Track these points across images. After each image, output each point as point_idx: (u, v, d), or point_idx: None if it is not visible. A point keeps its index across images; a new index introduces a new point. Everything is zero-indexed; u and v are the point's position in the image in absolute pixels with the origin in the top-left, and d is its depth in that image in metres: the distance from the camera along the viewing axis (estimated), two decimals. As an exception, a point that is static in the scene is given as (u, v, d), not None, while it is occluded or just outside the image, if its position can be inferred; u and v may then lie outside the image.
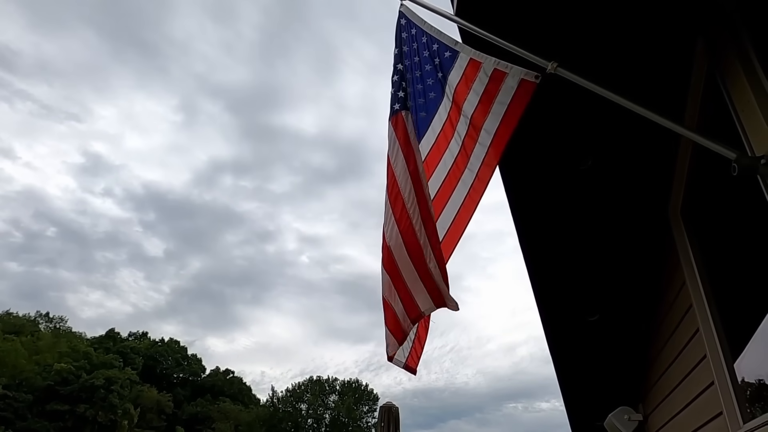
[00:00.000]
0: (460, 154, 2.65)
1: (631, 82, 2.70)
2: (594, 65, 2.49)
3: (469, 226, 2.68)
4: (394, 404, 6.09)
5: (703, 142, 2.04)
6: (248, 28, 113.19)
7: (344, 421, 59.12)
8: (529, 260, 4.19)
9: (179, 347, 68.26)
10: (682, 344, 3.59)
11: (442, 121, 2.76)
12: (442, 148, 2.75)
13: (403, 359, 3.00)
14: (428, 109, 2.85)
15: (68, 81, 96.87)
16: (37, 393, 47.46)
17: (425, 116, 2.86)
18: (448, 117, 2.72)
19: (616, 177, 3.49)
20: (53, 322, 63.64)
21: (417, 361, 2.99)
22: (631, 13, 2.57)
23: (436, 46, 2.77)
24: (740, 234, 2.98)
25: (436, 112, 2.79)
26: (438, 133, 2.78)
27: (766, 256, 2.57)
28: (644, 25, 2.62)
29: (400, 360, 3.07)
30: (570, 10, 2.58)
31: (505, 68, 2.43)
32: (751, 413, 2.63)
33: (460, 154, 2.65)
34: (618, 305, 4.53)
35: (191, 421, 59.40)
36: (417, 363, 2.99)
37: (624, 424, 4.98)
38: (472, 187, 2.60)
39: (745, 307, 2.79)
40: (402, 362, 3.06)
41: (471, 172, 2.60)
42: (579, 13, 2.59)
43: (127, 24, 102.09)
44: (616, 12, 2.56)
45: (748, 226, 2.69)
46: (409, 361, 2.99)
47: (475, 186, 2.59)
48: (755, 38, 2.09)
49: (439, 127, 2.78)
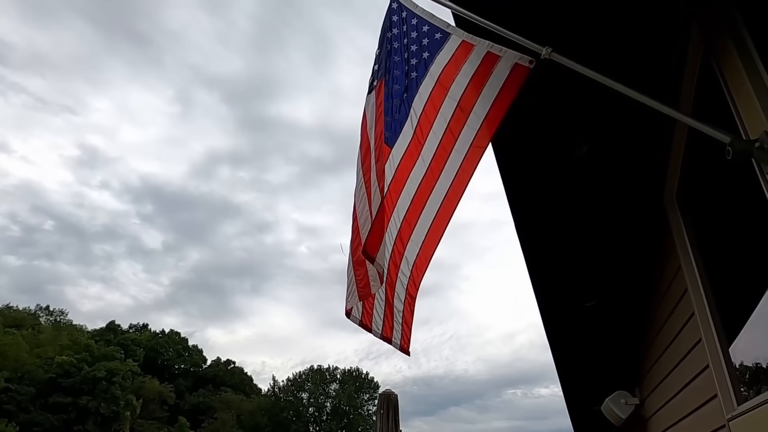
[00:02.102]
0: (445, 135, 2.59)
1: (627, 67, 2.68)
2: (589, 51, 2.47)
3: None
4: (393, 392, 6.14)
5: (698, 126, 2.04)
6: (242, 17, 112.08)
7: (345, 409, 59.64)
8: (526, 248, 4.20)
9: (180, 338, 68.56)
10: (678, 328, 3.62)
11: (423, 102, 2.69)
12: (426, 129, 2.69)
13: (398, 341, 3.02)
14: (410, 90, 2.80)
15: (62, 73, 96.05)
16: (39, 386, 47.74)
17: (407, 97, 2.81)
18: (429, 97, 2.65)
19: (611, 163, 3.48)
20: (54, 315, 63.83)
21: (408, 343, 2.99)
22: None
23: (427, 27, 2.72)
24: (735, 218, 2.99)
25: (416, 92, 2.73)
26: (420, 114, 2.72)
27: (761, 240, 2.58)
28: (639, 10, 2.60)
29: (377, 331, 3.15)
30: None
31: (499, 51, 2.39)
32: (746, 395, 2.65)
33: (446, 135, 2.59)
34: (615, 291, 4.55)
35: (193, 412, 59.86)
36: (409, 345, 3.00)
37: (621, 408, 5.04)
38: (461, 168, 2.56)
39: (740, 291, 2.81)
40: (378, 333, 3.13)
41: (459, 153, 2.55)
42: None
43: (120, 15, 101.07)
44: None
45: (743, 210, 2.69)
46: (402, 343, 3.00)
47: (464, 167, 2.55)
48: (749, 21, 2.07)
49: (420, 109, 2.71)
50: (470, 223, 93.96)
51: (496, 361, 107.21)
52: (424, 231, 2.69)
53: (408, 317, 2.91)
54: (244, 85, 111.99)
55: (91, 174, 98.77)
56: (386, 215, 2.85)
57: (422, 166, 2.68)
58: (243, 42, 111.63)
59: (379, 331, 3.12)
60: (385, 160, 2.89)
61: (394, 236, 2.83)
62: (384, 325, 3.09)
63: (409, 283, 2.83)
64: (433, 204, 2.66)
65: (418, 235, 2.72)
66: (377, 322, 3.15)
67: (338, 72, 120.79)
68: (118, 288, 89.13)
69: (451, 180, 2.59)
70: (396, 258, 2.85)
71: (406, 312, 2.90)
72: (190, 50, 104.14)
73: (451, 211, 2.61)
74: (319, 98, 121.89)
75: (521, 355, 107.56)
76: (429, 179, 2.67)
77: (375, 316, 3.16)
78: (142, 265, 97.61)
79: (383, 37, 3.13)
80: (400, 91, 2.86)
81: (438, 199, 2.63)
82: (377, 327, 3.14)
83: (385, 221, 2.87)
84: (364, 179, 3.11)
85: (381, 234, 2.75)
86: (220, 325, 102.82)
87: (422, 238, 2.71)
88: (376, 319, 3.15)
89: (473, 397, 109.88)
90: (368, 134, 3.12)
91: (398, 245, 2.83)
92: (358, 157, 3.34)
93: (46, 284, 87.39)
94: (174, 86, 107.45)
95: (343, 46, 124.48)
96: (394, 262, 2.86)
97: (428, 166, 2.66)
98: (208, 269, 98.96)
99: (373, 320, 3.18)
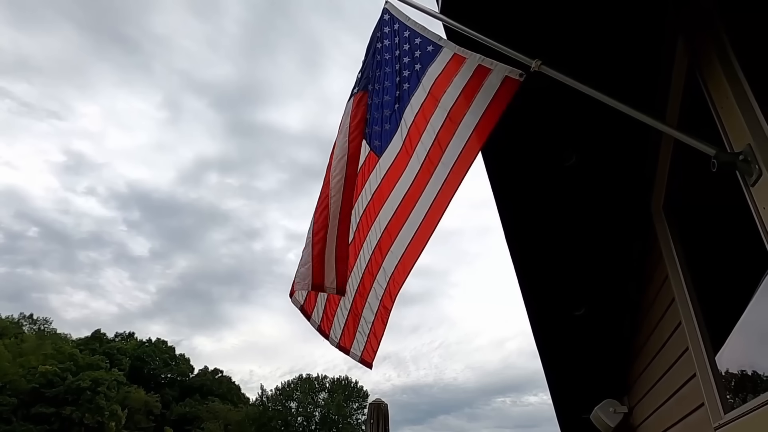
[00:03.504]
0: (433, 147, 2.59)
1: (615, 80, 2.73)
2: (578, 64, 2.51)
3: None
4: (383, 401, 6.11)
5: (684, 139, 2.08)
6: (231, 23, 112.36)
7: (334, 418, 59.17)
8: (516, 256, 4.23)
9: (167, 347, 67.72)
10: (665, 337, 3.65)
11: (413, 114, 2.70)
12: (415, 140, 2.69)
13: (358, 353, 2.97)
14: (401, 101, 2.81)
15: (48, 78, 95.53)
16: (21, 396, 46.79)
17: (399, 107, 2.83)
18: (421, 109, 2.67)
19: (599, 173, 3.53)
20: (37, 323, 62.74)
21: (373, 355, 2.92)
22: (614, 12, 2.60)
23: (419, 40, 2.75)
24: (721, 229, 3.04)
25: (408, 103, 2.74)
26: (410, 125, 2.73)
27: (746, 251, 2.62)
28: (627, 24, 2.65)
29: (335, 340, 3.09)
30: (555, 9, 2.60)
31: (490, 65, 2.43)
32: (732, 404, 2.68)
33: (433, 147, 2.59)
34: (603, 300, 4.59)
35: (180, 422, 59.00)
36: (373, 358, 2.92)
37: (609, 417, 5.05)
38: (446, 181, 2.54)
39: (726, 301, 2.84)
40: (335, 342, 3.07)
41: (445, 166, 2.54)
42: (564, 12, 2.61)
43: (107, 20, 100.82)
44: (599, 11, 2.59)
45: (729, 221, 2.74)
46: (364, 355, 2.94)
47: (450, 180, 2.53)
48: (733, 35, 2.12)
49: (411, 119, 2.72)
50: (459, 229, 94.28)
51: (485, 368, 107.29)
52: (405, 244, 2.68)
53: (378, 329, 2.87)
54: (233, 91, 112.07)
55: (77, 180, 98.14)
56: (367, 225, 2.87)
57: (409, 178, 2.69)
58: (232, 47, 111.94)
59: (337, 340, 3.07)
60: (371, 169, 2.90)
61: (374, 246, 2.83)
62: (343, 335, 3.04)
63: (385, 294, 2.81)
64: (416, 217, 2.64)
65: (398, 248, 2.71)
66: (336, 330, 3.09)
67: (328, 78, 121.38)
68: (103, 296, 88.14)
69: (435, 193, 2.58)
70: (373, 268, 2.84)
71: (377, 323, 2.86)
72: (178, 55, 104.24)
73: (434, 226, 2.59)
74: (308, 104, 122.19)
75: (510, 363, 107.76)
76: (414, 192, 2.66)
77: (335, 324, 3.10)
78: (128, 272, 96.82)
79: (373, 48, 3.15)
80: (390, 102, 2.87)
81: (421, 213, 2.62)
82: (335, 335, 3.08)
83: (362, 233, 2.88)
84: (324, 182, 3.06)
85: (328, 261, 2.70)
86: (207, 334, 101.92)
87: (402, 251, 2.70)
88: (335, 327, 3.09)
89: (462, 405, 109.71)
90: (338, 141, 3.10)
91: (376, 255, 2.82)
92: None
93: (29, 292, 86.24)
94: (162, 91, 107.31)
95: (332, 52, 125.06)
96: (370, 271, 2.85)
97: (414, 177, 2.67)
98: (195, 276, 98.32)
99: (332, 328, 3.11)
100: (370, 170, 2.95)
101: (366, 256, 2.89)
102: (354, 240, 2.93)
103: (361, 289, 2.91)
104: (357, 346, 2.96)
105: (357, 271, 2.93)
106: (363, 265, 2.90)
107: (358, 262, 2.92)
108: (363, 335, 2.93)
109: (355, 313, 2.96)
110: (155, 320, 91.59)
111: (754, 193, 1.98)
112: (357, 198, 2.93)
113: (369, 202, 2.91)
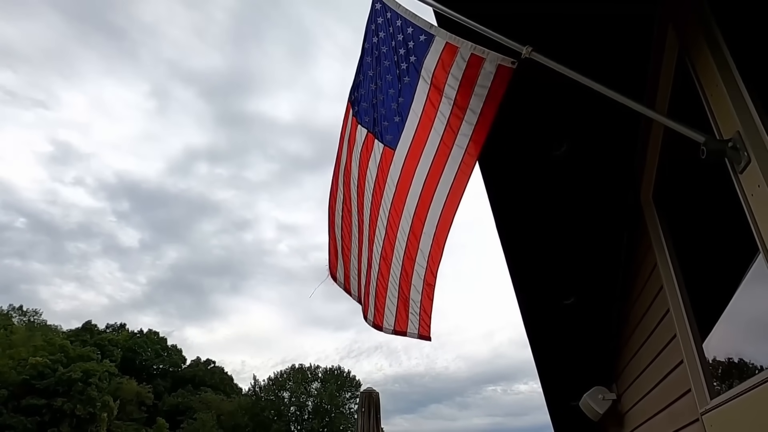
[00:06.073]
0: (446, 132, 2.74)
1: (605, 68, 2.71)
2: (569, 51, 2.49)
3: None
4: (375, 390, 6.12)
5: (674, 126, 2.07)
6: (219, 11, 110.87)
7: (327, 408, 59.48)
8: (506, 246, 4.24)
9: (158, 338, 67.57)
10: (654, 325, 3.69)
11: (422, 103, 2.81)
12: (427, 127, 2.82)
13: (415, 331, 3.18)
14: (404, 94, 2.87)
15: (34, 66, 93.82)
16: (12, 388, 46.52)
17: (403, 101, 2.90)
18: (428, 98, 2.77)
19: (589, 162, 3.53)
20: (27, 315, 62.19)
21: (428, 330, 3.14)
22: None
23: (411, 29, 2.76)
24: (710, 217, 3.06)
25: (413, 95, 2.83)
26: (420, 114, 2.84)
27: (734, 239, 2.63)
28: (617, 11, 2.63)
29: (388, 328, 3.31)
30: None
31: (482, 53, 2.48)
32: (718, 390, 2.71)
33: (446, 132, 2.74)
34: (593, 288, 4.62)
35: (172, 413, 59.04)
36: (429, 331, 3.14)
37: (598, 404, 5.12)
38: (462, 161, 2.73)
39: (714, 289, 2.87)
40: (390, 329, 3.29)
41: (460, 148, 2.71)
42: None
43: (93, 7, 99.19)
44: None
45: (718, 210, 2.75)
46: (421, 331, 3.16)
47: (466, 160, 2.72)
48: (723, 22, 2.11)
49: (420, 109, 2.84)
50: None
51: (476, 358, 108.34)
52: (435, 223, 2.89)
53: (427, 305, 3.09)
54: (222, 81, 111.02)
55: (65, 170, 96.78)
56: (397, 216, 3.05)
57: (426, 163, 2.86)
58: (220, 36, 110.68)
59: (391, 328, 3.27)
60: (389, 164, 3.04)
61: (407, 233, 3.02)
62: (397, 320, 3.24)
63: (427, 272, 3.02)
64: (439, 197, 2.84)
65: (429, 228, 2.92)
66: (389, 319, 3.28)
67: (318, 68, 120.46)
68: (93, 287, 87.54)
69: (454, 173, 2.77)
70: (411, 252, 3.04)
71: (424, 300, 3.08)
72: (166, 44, 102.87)
73: (458, 201, 2.80)
74: (298, 94, 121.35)
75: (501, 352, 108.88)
76: (434, 174, 2.85)
77: (387, 314, 3.30)
78: (118, 263, 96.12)
79: (369, 43, 3.15)
80: (395, 95, 2.95)
81: (444, 192, 2.82)
82: (389, 324, 3.28)
83: (393, 226, 3.08)
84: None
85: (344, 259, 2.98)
86: (198, 325, 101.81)
87: (433, 230, 2.91)
88: (388, 316, 3.28)
89: (453, 395, 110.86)
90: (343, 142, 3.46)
91: (411, 240, 3.02)
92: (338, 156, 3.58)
93: (18, 283, 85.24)
94: (150, 81, 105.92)
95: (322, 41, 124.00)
96: (409, 256, 3.05)
97: (431, 162, 2.84)
98: (186, 268, 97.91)
99: (384, 318, 3.31)
100: (388, 166, 3.06)
101: (402, 245, 3.07)
102: (387, 234, 3.14)
103: (404, 274, 3.11)
104: (412, 326, 3.18)
105: (396, 261, 3.13)
106: (401, 254, 3.09)
107: (396, 252, 3.12)
108: (415, 315, 3.14)
109: (404, 298, 3.16)
110: (146, 312, 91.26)
111: (743, 180, 1.98)
112: (382, 195, 3.11)
113: (394, 194, 3.05)
